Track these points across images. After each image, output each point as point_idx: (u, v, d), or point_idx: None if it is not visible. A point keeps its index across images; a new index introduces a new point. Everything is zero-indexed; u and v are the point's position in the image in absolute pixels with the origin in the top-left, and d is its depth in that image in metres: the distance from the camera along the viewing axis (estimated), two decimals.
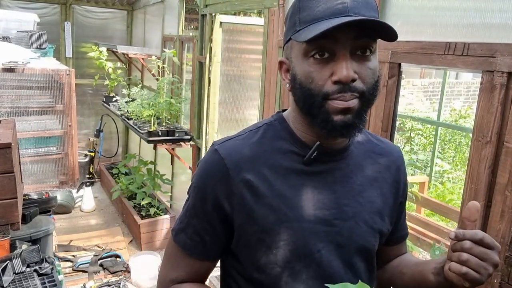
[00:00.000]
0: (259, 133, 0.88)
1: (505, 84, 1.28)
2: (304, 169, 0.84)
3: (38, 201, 2.70)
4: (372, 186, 0.90)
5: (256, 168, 0.83)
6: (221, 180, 0.83)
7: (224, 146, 0.86)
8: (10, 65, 2.33)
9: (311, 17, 0.75)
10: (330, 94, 0.75)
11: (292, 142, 0.86)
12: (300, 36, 0.74)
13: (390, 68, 1.73)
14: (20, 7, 5.19)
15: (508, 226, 1.29)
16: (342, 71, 0.73)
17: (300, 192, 0.83)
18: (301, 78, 0.77)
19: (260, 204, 0.82)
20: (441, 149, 6.07)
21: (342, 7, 0.73)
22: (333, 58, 0.75)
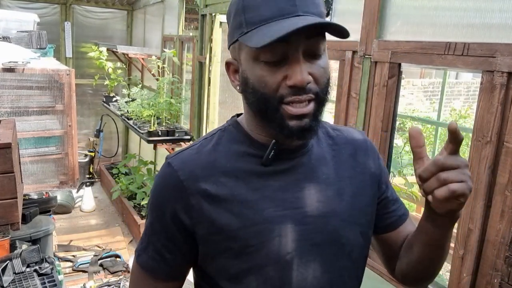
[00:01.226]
0: (213, 140, 0.84)
1: (505, 84, 1.28)
2: (264, 170, 0.80)
3: (38, 201, 2.70)
4: (340, 177, 0.86)
5: (212, 175, 0.79)
6: (176, 193, 0.79)
7: (177, 158, 0.82)
8: (10, 65, 2.34)
9: (259, 18, 0.71)
10: (285, 97, 0.73)
11: (248, 144, 0.82)
12: (250, 40, 0.71)
13: (390, 68, 1.73)
14: (20, 7, 5.19)
15: (508, 226, 1.29)
16: (296, 75, 0.71)
17: (264, 194, 0.79)
18: (254, 82, 0.74)
19: (221, 211, 0.78)
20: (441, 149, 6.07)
21: (291, 6, 0.70)
22: (286, 61, 0.72)
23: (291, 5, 0.70)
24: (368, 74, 1.84)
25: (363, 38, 1.85)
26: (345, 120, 1.99)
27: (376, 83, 1.79)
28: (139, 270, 0.86)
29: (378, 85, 1.79)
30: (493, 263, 1.34)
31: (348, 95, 1.97)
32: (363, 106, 1.87)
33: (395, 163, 3.08)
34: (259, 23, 0.71)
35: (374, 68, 1.81)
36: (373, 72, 1.81)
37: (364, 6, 1.83)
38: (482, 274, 1.38)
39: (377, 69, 1.79)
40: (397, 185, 3.34)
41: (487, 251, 1.36)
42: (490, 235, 1.35)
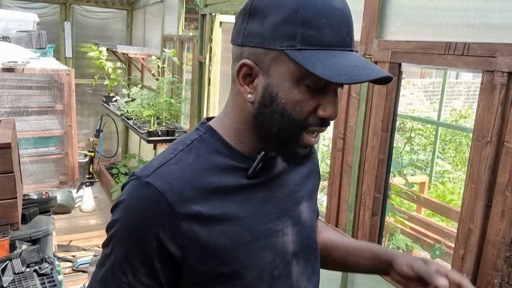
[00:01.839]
0: (192, 151, 0.74)
1: (506, 84, 1.28)
2: (249, 183, 0.75)
3: (38, 201, 2.70)
4: (304, 180, 0.87)
5: (202, 193, 0.70)
6: (164, 220, 0.68)
7: (158, 176, 0.69)
8: (10, 65, 2.33)
9: (319, 42, 0.64)
10: (311, 126, 0.69)
11: (231, 156, 0.75)
12: (314, 67, 0.63)
13: (390, 68, 1.72)
14: (20, 7, 5.19)
15: (509, 226, 1.29)
16: (333, 109, 0.68)
17: (250, 208, 0.75)
18: (286, 104, 0.67)
19: (215, 233, 0.70)
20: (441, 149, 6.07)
21: (348, 39, 0.67)
22: (323, 89, 0.67)
23: (349, 39, 0.67)
24: None
25: (363, 38, 1.85)
26: (345, 120, 1.99)
27: None
28: None
29: (378, 85, 1.78)
30: (493, 263, 1.34)
31: (348, 95, 1.97)
32: (363, 106, 1.87)
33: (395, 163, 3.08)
34: (319, 47, 0.64)
35: None
36: None
37: (364, 6, 1.83)
38: (482, 274, 1.38)
39: None
40: (397, 185, 3.33)
41: (487, 251, 1.36)
42: (491, 235, 1.34)
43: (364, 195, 1.89)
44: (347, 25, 0.67)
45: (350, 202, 1.97)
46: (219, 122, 0.78)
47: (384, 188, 1.84)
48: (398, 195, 3.61)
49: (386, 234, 3.14)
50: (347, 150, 2.00)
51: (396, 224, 3.08)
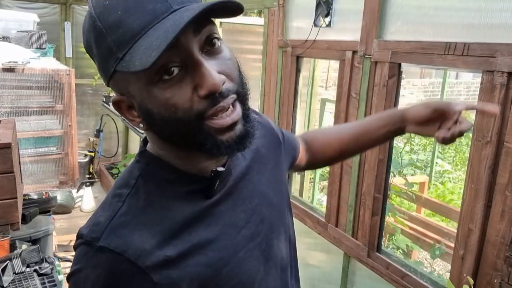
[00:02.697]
0: (140, 191, 0.65)
1: (505, 84, 1.28)
2: (211, 202, 0.68)
3: (38, 201, 2.70)
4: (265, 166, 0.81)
5: (165, 237, 0.62)
6: (131, 282, 0.59)
7: (111, 235, 0.60)
8: (10, 65, 2.33)
9: (130, 34, 0.56)
10: (205, 112, 0.59)
11: (184, 182, 0.67)
12: (134, 64, 0.55)
13: (390, 68, 1.72)
14: (20, 7, 5.19)
15: (508, 226, 1.29)
16: (206, 80, 0.57)
17: (219, 226, 0.68)
18: (160, 110, 0.59)
19: (192, 269, 0.63)
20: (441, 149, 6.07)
21: (161, 4, 0.56)
22: (186, 69, 0.58)
23: (161, 2, 0.56)
24: (368, 74, 1.84)
25: (363, 38, 1.85)
26: (345, 120, 1.99)
27: (376, 83, 1.79)
28: None
29: (378, 85, 1.79)
30: (493, 263, 1.34)
31: (348, 95, 1.97)
32: (363, 106, 1.87)
33: (395, 163, 3.08)
34: (134, 39, 0.56)
35: (374, 68, 1.81)
36: (373, 72, 1.81)
37: (364, 6, 1.83)
38: (482, 274, 1.38)
39: (377, 69, 1.79)
40: (397, 185, 3.33)
41: (487, 251, 1.36)
42: (490, 235, 1.35)
43: (364, 195, 1.89)
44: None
45: (350, 202, 1.97)
46: (158, 151, 0.68)
47: (384, 188, 1.85)
48: (398, 195, 3.61)
49: (386, 234, 3.14)
50: None
51: (396, 224, 3.08)
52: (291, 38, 2.43)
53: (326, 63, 5.46)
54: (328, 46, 2.11)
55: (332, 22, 2.08)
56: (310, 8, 2.21)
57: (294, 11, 2.42)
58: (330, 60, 3.27)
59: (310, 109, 2.81)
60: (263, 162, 0.81)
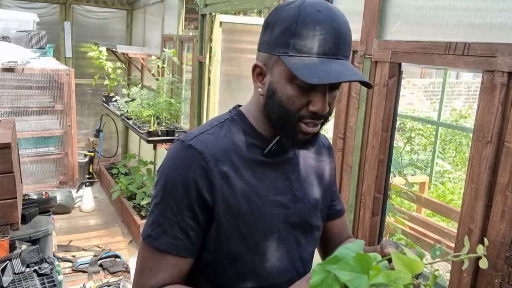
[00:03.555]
0: (224, 127, 0.95)
1: (506, 84, 1.28)
2: (265, 160, 0.94)
3: (38, 201, 2.69)
4: (313, 172, 1.05)
5: (229, 160, 0.90)
6: (201, 173, 0.87)
7: (198, 141, 0.90)
8: (9, 65, 2.33)
9: (307, 50, 0.81)
10: (304, 118, 0.86)
11: (253, 136, 0.95)
12: (297, 70, 0.80)
13: (390, 68, 1.72)
14: (19, 7, 5.19)
15: (509, 226, 1.29)
16: (320, 105, 0.84)
17: (263, 181, 0.93)
18: (282, 97, 0.86)
19: (236, 193, 0.89)
20: (441, 149, 6.07)
21: (335, 49, 0.82)
22: (314, 89, 0.83)
23: (336, 49, 0.82)
24: (368, 74, 1.83)
25: (363, 38, 1.85)
26: (345, 120, 1.99)
27: (376, 83, 1.79)
28: (157, 253, 0.89)
29: (378, 85, 1.78)
30: (493, 263, 1.33)
31: (348, 95, 1.97)
32: (363, 106, 1.87)
33: (395, 163, 3.08)
34: (305, 54, 0.81)
35: (374, 68, 1.81)
36: (373, 72, 1.81)
37: (364, 6, 1.83)
38: (482, 274, 1.38)
39: (377, 69, 1.79)
40: (397, 185, 3.33)
41: (488, 251, 1.36)
42: (491, 235, 1.34)
43: (364, 195, 1.89)
44: (335, 38, 0.82)
45: (350, 202, 1.97)
46: (247, 109, 0.98)
47: (384, 188, 1.84)
48: (398, 195, 3.61)
49: (386, 234, 3.14)
50: (347, 150, 2.00)
51: (396, 224, 3.08)
52: None
53: None
54: None
55: None
56: None
57: None
58: None
59: None
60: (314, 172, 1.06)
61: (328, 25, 0.82)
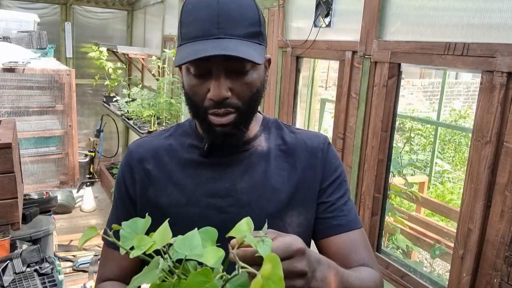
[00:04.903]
0: (169, 131, 0.97)
1: (505, 84, 1.28)
2: (202, 161, 0.90)
3: (39, 201, 2.70)
4: (278, 175, 0.90)
5: (157, 159, 0.92)
6: (127, 169, 0.93)
7: (135, 142, 0.97)
8: (10, 65, 2.34)
9: (188, 35, 0.78)
10: (208, 109, 0.81)
11: (194, 137, 0.93)
12: (176, 55, 0.81)
13: (390, 68, 1.73)
14: (20, 7, 5.19)
15: (508, 226, 1.29)
16: (214, 90, 0.78)
17: (196, 181, 0.89)
18: (186, 89, 0.84)
19: (157, 190, 0.90)
20: (441, 149, 6.07)
21: (214, 28, 0.76)
22: (210, 75, 0.79)
23: (215, 28, 0.76)
24: (368, 74, 1.84)
25: (363, 38, 1.86)
26: (345, 120, 1.99)
27: (376, 83, 1.80)
28: (105, 248, 0.96)
29: (378, 85, 1.79)
30: (493, 263, 1.34)
31: (348, 95, 1.97)
32: (363, 106, 1.88)
33: (395, 163, 3.08)
34: (187, 40, 0.78)
35: (374, 68, 1.81)
36: (373, 72, 1.81)
37: (364, 6, 1.84)
38: (482, 274, 1.38)
39: (377, 69, 1.79)
40: (397, 185, 3.34)
41: (487, 251, 1.36)
42: (490, 235, 1.35)
43: (363, 195, 1.89)
44: (212, 17, 0.76)
45: None
46: None
47: (383, 188, 1.85)
48: (397, 195, 3.61)
49: (386, 234, 3.14)
50: (347, 150, 2.00)
51: (396, 224, 3.08)
52: (291, 39, 2.43)
53: (326, 63, 5.46)
54: (328, 46, 2.11)
55: (332, 23, 2.08)
56: (310, 8, 2.21)
57: (294, 11, 2.42)
58: (330, 60, 3.29)
59: (310, 109, 2.81)
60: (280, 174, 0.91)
61: (204, 5, 0.77)
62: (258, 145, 0.92)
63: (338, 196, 0.92)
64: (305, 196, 0.90)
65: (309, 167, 0.92)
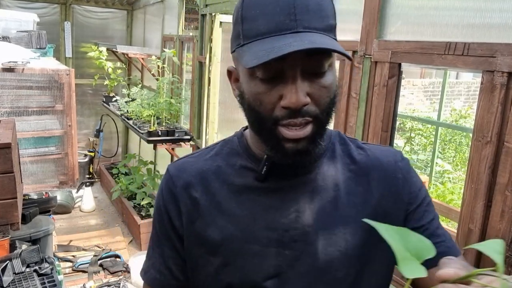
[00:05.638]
0: (214, 150, 0.82)
1: (505, 84, 1.28)
2: (258, 186, 0.75)
3: (38, 201, 2.70)
4: (351, 203, 0.75)
5: (204, 184, 0.78)
6: (170, 198, 0.79)
7: (175, 164, 0.83)
8: (10, 65, 2.34)
9: (255, 32, 0.65)
10: (280, 120, 0.66)
11: (246, 157, 0.78)
12: (242, 57, 0.66)
13: (390, 68, 1.72)
14: (19, 7, 5.19)
15: (508, 226, 1.29)
16: (291, 96, 0.64)
17: (252, 211, 0.74)
18: (249, 98, 0.69)
19: (207, 222, 0.75)
20: (441, 149, 6.07)
21: (290, 21, 0.63)
22: (282, 79, 0.65)
23: (291, 20, 0.63)
24: (368, 74, 1.84)
25: (363, 38, 1.85)
26: (345, 120, 1.99)
27: (376, 83, 1.79)
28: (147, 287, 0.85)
29: (378, 85, 1.79)
30: (493, 263, 1.34)
31: (348, 95, 1.97)
32: (363, 106, 1.87)
33: None
34: (255, 38, 0.65)
35: (374, 68, 1.81)
36: (373, 72, 1.81)
37: (364, 6, 1.83)
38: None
39: (377, 69, 1.79)
40: None
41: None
42: (490, 235, 1.34)
43: None
44: (286, 8, 0.63)
45: None
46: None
47: None
48: None
49: None
50: None
51: None
52: None
53: None
54: None
55: None
56: None
57: None
58: None
59: None
60: (354, 202, 0.75)
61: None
62: (323, 165, 0.77)
63: (429, 219, 0.78)
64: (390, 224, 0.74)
65: (389, 191, 0.77)
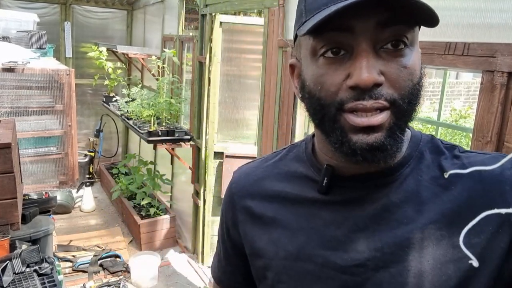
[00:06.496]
0: (280, 154, 0.74)
1: (506, 84, 1.28)
2: (320, 198, 0.64)
3: (38, 201, 2.70)
4: (435, 229, 0.57)
5: (261, 193, 0.70)
6: (229, 205, 0.76)
7: (239, 170, 0.78)
8: (10, 65, 2.34)
9: (318, 3, 0.54)
10: (345, 103, 0.54)
11: (309, 166, 0.68)
12: (302, 32, 0.55)
13: None
14: (20, 7, 5.19)
15: None
16: (360, 72, 0.52)
17: (310, 225, 0.64)
18: (310, 84, 0.58)
19: (261, 234, 0.68)
20: None
21: None
22: (351, 55, 0.54)
23: None
24: None
25: None
26: None
27: None
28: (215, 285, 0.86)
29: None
30: None
31: None
32: None
33: None
34: (318, 9, 0.54)
35: None
36: None
37: None
38: None
39: None
40: None
41: None
42: None
43: None
44: None
45: None
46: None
47: None
48: None
49: None
50: None
51: None
52: (291, 38, 2.42)
53: None
54: None
55: None
56: None
57: (294, 11, 2.42)
58: None
59: None
60: (439, 226, 0.57)
61: None
62: (403, 177, 0.61)
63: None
64: (484, 257, 0.55)
65: (490, 210, 0.57)
